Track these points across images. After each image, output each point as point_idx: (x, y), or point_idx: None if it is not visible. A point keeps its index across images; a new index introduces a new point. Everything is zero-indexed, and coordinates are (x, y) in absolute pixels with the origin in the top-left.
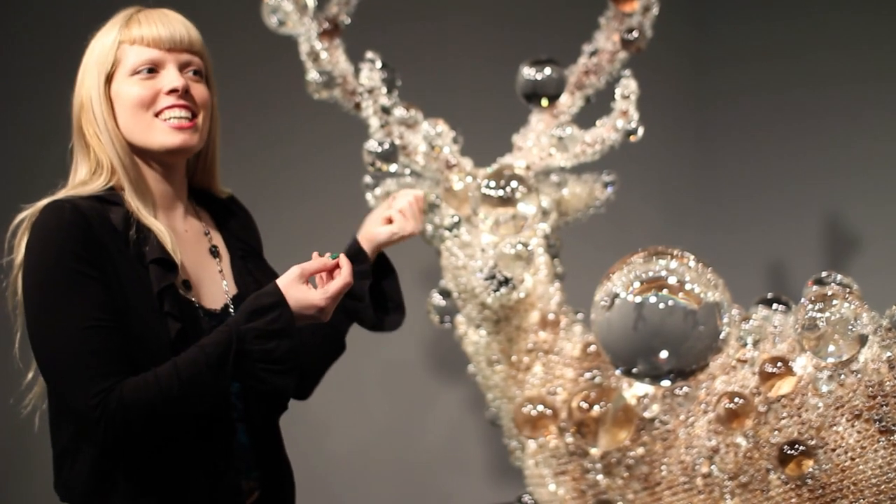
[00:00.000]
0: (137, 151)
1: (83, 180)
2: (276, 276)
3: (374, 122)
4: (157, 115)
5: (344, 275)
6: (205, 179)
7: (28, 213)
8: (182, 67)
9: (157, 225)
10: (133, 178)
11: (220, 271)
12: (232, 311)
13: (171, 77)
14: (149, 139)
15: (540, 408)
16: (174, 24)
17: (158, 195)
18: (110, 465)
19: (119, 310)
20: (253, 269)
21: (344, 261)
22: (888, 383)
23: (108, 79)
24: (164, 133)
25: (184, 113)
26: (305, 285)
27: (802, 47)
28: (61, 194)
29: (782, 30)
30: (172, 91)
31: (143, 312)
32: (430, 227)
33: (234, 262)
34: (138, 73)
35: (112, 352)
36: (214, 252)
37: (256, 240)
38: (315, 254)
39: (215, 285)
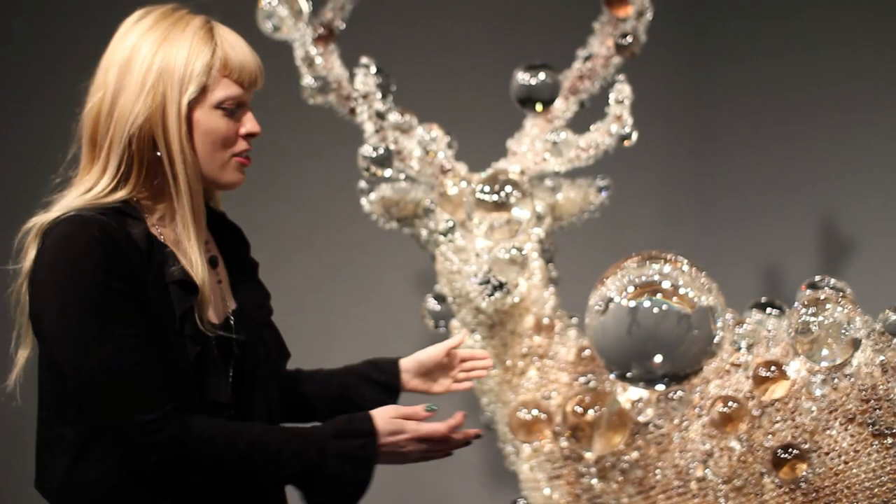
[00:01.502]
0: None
1: (101, 192)
2: (268, 296)
3: (369, 128)
4: (233, 154)
5: (438, 427)
6: (209, 191)
7: (39, 222)
8: (249, 104)
9: (200, 259)
10: (197, 206)
11: (220, 282)
12: (232, 323)
13: (250, 122)
14: (221, 176)
15: (535, 412)
16: (256, 58)
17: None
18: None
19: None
20: (249, 282)
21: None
22: (881, 387)
23: (190, 102)
24: (234, 172)
25: (248, 152)
26: (400, 420)
27: (796, 50)
28: (73, 201)
29: (776, 33)
30: (250, 135)
31: (164, 333)
32: (424, 232)
33: (232, 274)
34: (222, 108)
35: (165, 372)
36: (214, 262)
37: (249, 253)
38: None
39: (216, 298)
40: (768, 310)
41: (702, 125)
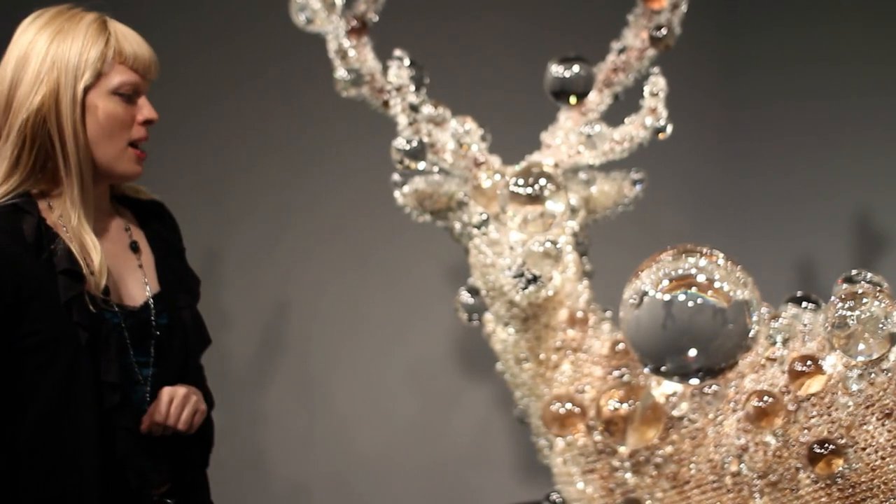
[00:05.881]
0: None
1: None
2: (197, 279)
3: (403, 120)
4: (129, 142)
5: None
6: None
7: None
8: (145, 93)
9: (91, 239)
10: (86, 187)
11: (140, 266)
12: (153, 308)
13: (147, 108)
14: (115, 164)
15: (568, 406)
16: (150, 49)
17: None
18: None
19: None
20: (177, 267)
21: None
22: None
23: (86, 88)
24: (130, 163)
25: (144, 143)
26: None
27: (830, 54)
28: None
29: (811, 31)
30: (147, 122)
31: (54, 321)
32: (458, 225)
33: (157, 259)
34: (119, 94)
35: None
36: (135, 247)
37: (179, 240)
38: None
39: (135, 282)
40: (804, 304)
41: (736, 119)
